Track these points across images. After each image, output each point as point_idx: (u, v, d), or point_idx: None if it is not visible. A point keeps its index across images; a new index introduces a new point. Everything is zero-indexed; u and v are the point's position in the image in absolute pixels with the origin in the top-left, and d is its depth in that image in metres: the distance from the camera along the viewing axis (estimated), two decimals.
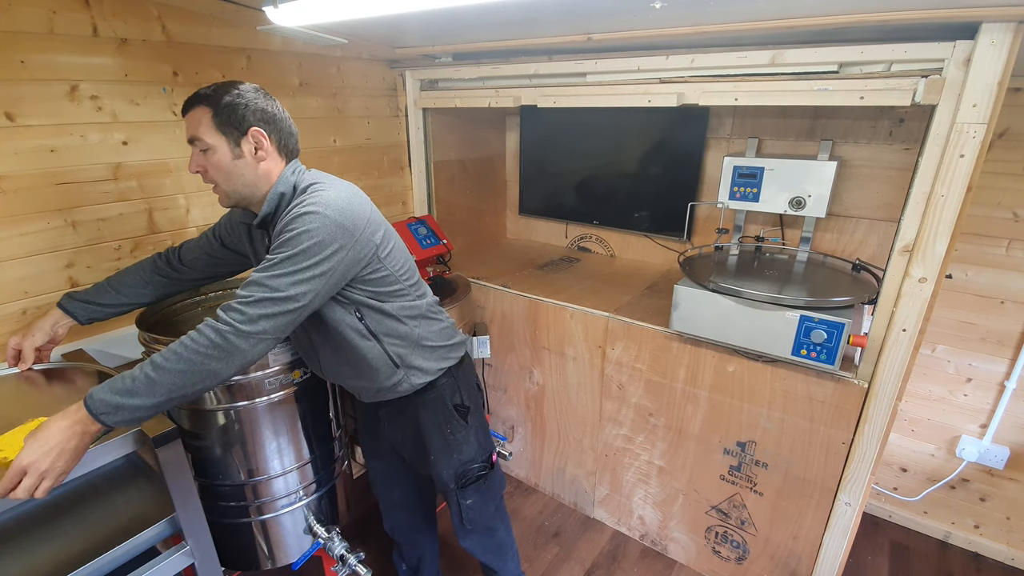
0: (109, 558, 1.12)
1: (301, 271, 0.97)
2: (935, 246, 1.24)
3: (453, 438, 1.32)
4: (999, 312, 1.77)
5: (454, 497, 1.37)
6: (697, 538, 1.89)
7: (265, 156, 1.08)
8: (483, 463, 1.37)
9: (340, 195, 1.04)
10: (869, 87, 1.26)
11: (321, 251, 0.98)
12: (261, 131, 1.07)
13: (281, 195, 1.10)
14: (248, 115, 1.06)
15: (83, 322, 1.29)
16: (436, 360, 1.27)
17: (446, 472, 1.33)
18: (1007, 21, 1.07)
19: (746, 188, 1.79)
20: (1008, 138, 1.62)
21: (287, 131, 1.12)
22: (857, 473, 1.48)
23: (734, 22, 1.34)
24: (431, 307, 1.28)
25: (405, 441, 1.37)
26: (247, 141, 1.06)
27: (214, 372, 0.93)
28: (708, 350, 1.65)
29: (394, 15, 1.42)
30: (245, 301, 0.95)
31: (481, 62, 1.94)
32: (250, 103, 1.06)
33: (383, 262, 1.13)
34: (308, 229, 0.97)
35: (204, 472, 1.41)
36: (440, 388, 1.29)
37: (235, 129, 1.05)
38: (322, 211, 0.99)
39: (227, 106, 1.04)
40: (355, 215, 1.04)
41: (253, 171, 1.08)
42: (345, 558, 1.52)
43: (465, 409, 1.32)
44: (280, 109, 1.12)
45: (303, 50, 1.83)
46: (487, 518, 1.43)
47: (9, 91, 1.25)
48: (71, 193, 1.39)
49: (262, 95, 1.09)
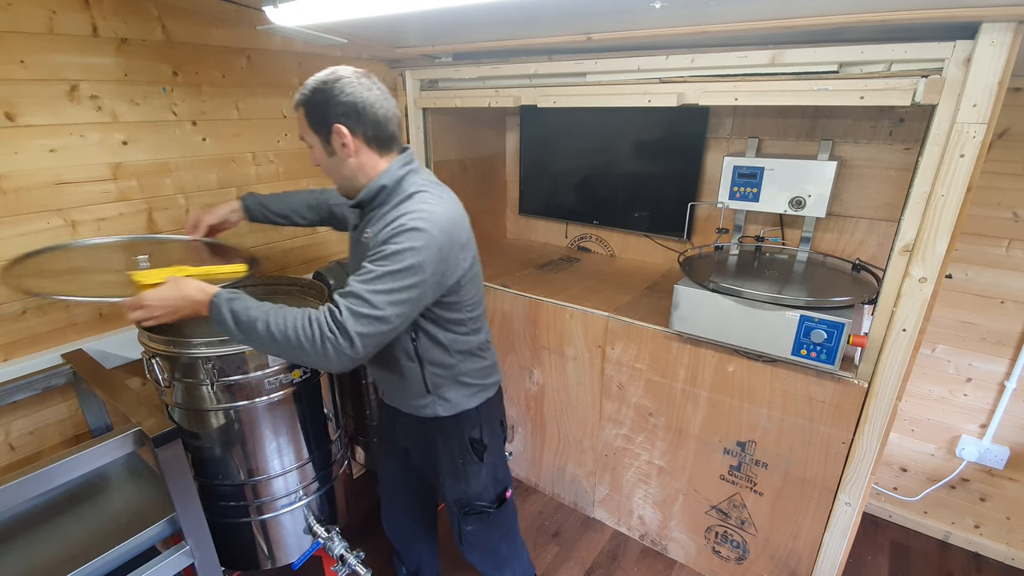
0: (109, 558, 1.12)
1: (401, 290, 0.98)
2: (935, 246, 1.24)
3: (464, 470, 1.30)
4: (999, 312, 1.77)
5: (456, 519, 1.37)
6: (697, 538, 1.89)
7: (352, 153, 1.08)
8: (491, 501, 1.35)
9: (447, 214, 1.05)
10: (869, 87, 1.26)
11: (422, 272, 0.99)
12: (342, 127, 1.05)
13: (382, 187, 1.10)
14: (330, 112, 1.05)
15: (252, 219, 1.47)
16: (467, 396, 1.26)
17: (451, 497, 1.34)
18: (1007, 21, 1.07)
19: (746, 188, 1.79)
20: (1008, 138, 1.62)
21: (375, 119, 1.07)
22: (857, 473, 1.48)
23: (734, 22, 1.33)
24: (481, 345, 1.27)
25: (416, 451, 1.37)
26: (335, 139, 1.07)
27: (299, 358, 1.01)
28: (708, 350, 1.65)
29: (394, 15, 1.42)
30: (352, 314, 0.97)
31: (481, 62, 1.94)
32: (332, 99, 1.04)
33: (461, 289, 1.13)
34: (414, 247, 0.98)
35: (204, 472, 1.41)
36: (460, 418, 1.27)
37: (323, 126, 1.07)
38: (429, 229, 1.00)
39: (314, 104, 1.06)
40: (456, 238, 1.06)
41: (346, 165, 1.10)
42: (345, 558, 1.52)
43: (482, 447, 1.29)
44: (373, 97, 1.06)
45: (303, 50, 1.83)
46: (489, 544, 1.41)
47: (9, 91, 1.25)
48: (71, 193, 1.39)
49: (345, 83, 1.04)
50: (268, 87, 1.76)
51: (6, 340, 1.35)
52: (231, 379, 1.30)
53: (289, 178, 1.89)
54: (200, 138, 1.63)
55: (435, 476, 1.35)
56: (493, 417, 1.33)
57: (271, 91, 1.78)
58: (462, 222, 1.10)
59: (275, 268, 1.91)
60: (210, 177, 1.67)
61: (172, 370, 1.30)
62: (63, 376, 1.39)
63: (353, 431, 1.91)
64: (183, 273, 1.16)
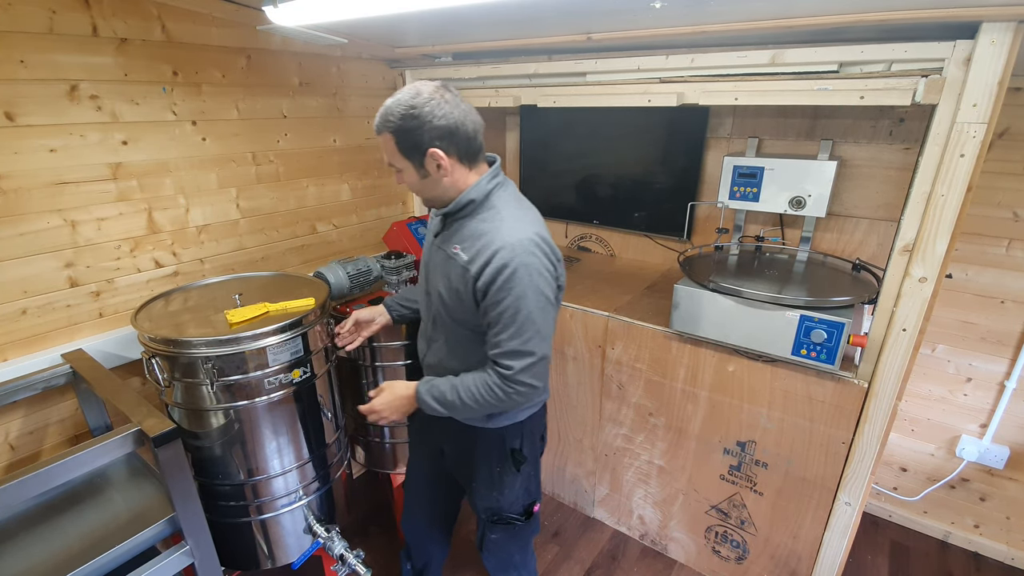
0: (109, 558, 1.12)
1: (541, 327, 1.09)
2: (935, 246, 1.24)
3: (500, 479, 1.33)
4: (999, 312, 1.77)
5: (482, 525, 1.40)
6: (697, 538, 1.89)
7: (448, 172, 1.10)
8: (520, 513, 1.38)
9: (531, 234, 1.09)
10: (869, 87, 1.26)
11: (543, 298, 1.09)
12: (440, 152, 1.06)
13: (471, 200, 1.13)
14: (424, 137, 1.05)
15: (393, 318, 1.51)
16: (512, 414, 1.29)
17: (481, 504, 1.36)
18: (1007, 21, 1.07)
19: (746, 188, 1.79)
20: (1008, 138, 1.62)
21: (466, 137, 1.08)
22: (857, 473, 1.48)
23: (734, 22, 1.33)
24: None
25: (453, 455, 1.39)
26: (429, 162, 1.08)
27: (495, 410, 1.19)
28: (708, 350, 1.65)
29: (394, 15, 1.42)
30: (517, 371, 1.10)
31: (481, 62, 1.94)
32: (424, 124, 1.04)
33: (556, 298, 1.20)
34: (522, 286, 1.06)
35: (204, 472, 1.41)
36: (503, 429, 1.30)
37: (416, 152, 1.07)
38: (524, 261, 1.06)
39: (406, 132, 1.05)
40: (546, 252, 1.11)
41: (439, 185, 1.12)
42: (345, 557, 1.52)
43: (522, 458, 1.33)
44: (457, 112, 1.06)
45: (303, 50, 1.83)
46: (507, 552, 1.45)
47: (9, 91, 1.25)
48: (71, 193, 1.39)
49: (435, 105, 1.04)
50: (268, 87, 1.76)
51: (6, 340, 1.35)
52: (231, 379, 1.30)
53: (289, 178, 1.90)
54: (200, 138, 1.63)
55: (468, 481, 1.37)
56: (535, 431, 1.36)
57: (271, 91, 1.78)
58: (547, 235, 1.14)
59: (275, 267, 1.92)
60: (210, 177, 1.67)
61: (172, 370, 1.30)
62: (63, 376, 1.39)
63: (353, 431, 1.92)
64: (264, 310, 1.38)
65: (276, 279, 1.67)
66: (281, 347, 1.34)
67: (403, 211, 2.41)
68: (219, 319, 1.36)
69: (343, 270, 1.75)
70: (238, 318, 1.34)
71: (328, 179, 2.04)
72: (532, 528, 1.44)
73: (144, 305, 1.46)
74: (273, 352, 1.33)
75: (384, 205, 2.31)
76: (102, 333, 1.51)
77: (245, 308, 1.38)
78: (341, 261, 1.79)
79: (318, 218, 2.03)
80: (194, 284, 1.61)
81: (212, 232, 1.72)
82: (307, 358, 1.42)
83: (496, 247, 1.07)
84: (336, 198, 2.08)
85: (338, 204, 2.10)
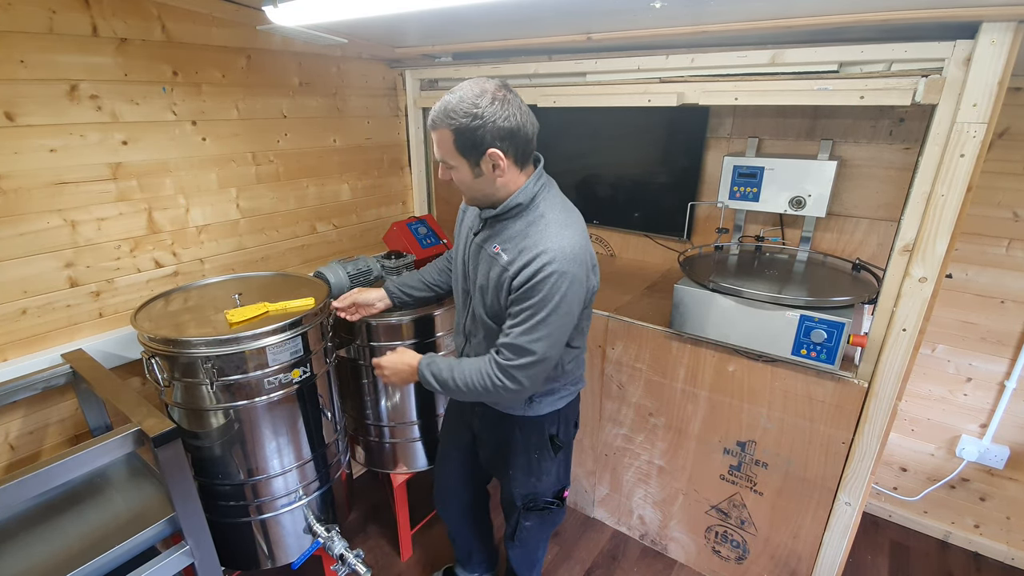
0: (109, 558, 1.12)
1: (553, 332, 1.10)
2: (935, 246, 1.24)
3: (538, 465, 1.36)
4: (999, 312, 1.77)
5: (515, 515, 1.43)
6: (697, 538, 1.89)
7: (503, 173, 1.10)
8: (554, 497, 1.42)
9: (572, 243, 1.10)
10: (869, 87, 1.26)
11: (568, 307, 1.10)
12: (499, 152, 1.06)
13: (518, 204, 1.14)
14: (487, 137, 1.04)
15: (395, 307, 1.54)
16: (554, 401, 1.32)
17: (518, 491, 1.39)
18: (1007, 20, 1.07)
19: (746, 188, 1.79)
20: (1008, 138, 1.62)
21: (525, 139, 1.09)
22: (857, 473, 1.48)
23: (734, 22, 1.33)
24: (579, 358, 1.34)
25: (490, 444, 1.42)
26: (486, 161, 1.08)
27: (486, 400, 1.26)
28: (708, 350, 1.65)
29: (394, 15, 1.42)
30: (515, 366, 1.11)
31: (481, 62, 1.94)
32: (487, 124, 1.03)
33: (586, 304, 1.21)
34: (556, 290, 1.07)
35: (204, 472, 1.41)
36: (543, 416, 1.33)
37: (475, 151, 1.07)
38: (567, 270, 1.07)
39: (467, 130, 1.04)
40: (586, 262, 1.13)
41: (492, 185, 1.12)
42: (345, 557, 1.52)
43: (560, 444, 1.37)
44: (520, 114, 1.07)
45: (303, 50, 1.83)
46: (536, 541, 1.50)
47: (9, 91, 1.25)
48: (71, 193, 1.39)
49: (499, 105, 1.03)
50: (268, 87, 1.76)
51: (6, 340, 1.35)
52: (231, 379, 1.30)
53: (289, 178, 1.90)
54: (200, 138, 1.63)
55: (504, 470, 1.40)
56: (571, 416, 1.40)
57: (271, 91, 1.78)
58: (587, 245, 1.15)
59: (275, 267, 1.92)
60: (210, 177, 1.67)
61: (172, 370, 1.30)
62: (63, 376, 1.39)
63: (353, 430, 1.92)
64: (264, 310, 1.39)
65: (276, 279, 1.67)
66: (281, 347, 1.34)
67: (403, 211, 2.41)
68: (219, 319, 1.36)
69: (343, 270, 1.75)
70: (238, 318, 1.34)
71: (328, 179, 2.04)
72: (561, 514, 1.49)
73: (144, 305, 1.46)
74: (273, 352, 1.33)
75: (384, 205, 2.31)
76: (102, 333, 1.51)
77: (245, 308, 1.38)
78: (341, 261, 1.79)
79: (318, 218, 2.03)
80: (194, 284, 1.61)
81: (212, 232, 1.72)
82: (307, 358, 1.42)
83: (539, 250, 1.08)
84: (336, 198, 2.08)
85: (338, 204, 2.10)
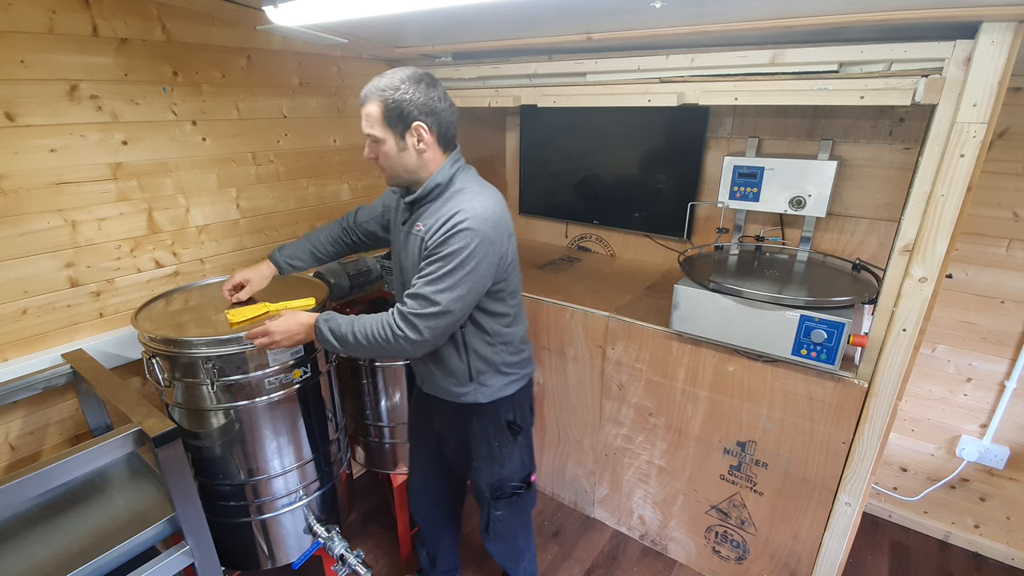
0: (109, 558, 1.12)
1: (459, 285, 1.11)
2: (935, 246, 1.24)
3: (499, 452, 1.38)
4: (999, 312, 1.77)
5: (486, 506, 1.44)
6: (697, 538, 1.89)
7: (426, 148, 1.17)
8: (521, 482, 1.44)
9: (488, 207, 1.15)
10: (869, 87, 1.26)
11: (478, 266, 1.12)
12: (423, 125, 1.14)
13: (437, 184, 1.20)
14: (413, 111, 1.13)
15: (283, 274, 1.53)
16: (505, 385, 1.34)
17: (484, 481, 1.40)
18: (1007, 20, 1.06)
19: (746, 188, 1.79)
20: (1008, 138, 1.62)
21: (447, 120, 1.19)
22: (857, 473, 1.48)
23: (734, 22, 1.33)
24: (522, 337, 1.37)
25: (451, 439, 1.43)
26: (411, 135, 1.15)
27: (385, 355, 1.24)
28: (708, 350, 1.65)
29: (394, 15, 1.42)
30: (416, 314, 1.11)
31: (481, 62, 1.93)
32: (414, 99, 1.12)
33: (508, 276, 1.24)
34: (467, 245, 1.10)
35: (204, 472, 1.41)
36: (497, 403, 1.34)
37: (400, 123, 1.14)
38: (479, 227, 1.11)
39: (394, 103, 1.12)
40: (502, 228, 1.17)
41: (415, 160, 1.18)
42: (345, 557, 1.52)
43: (517, 428, 1.38)
44: (442, 98, 1.17)
45: (303, 50, 1.83)
46: (512, 530, 1.50)
47: (9, 91, 1.25)
48: (71, 193, 1.39)
49: (424, 87, 1.14)
50: (268, 87, 1.76)
51: (6, 340, 1.35)
52: (231, 379, 1.30)
53: (289, 178, 1.89)
54: (200, 138, 1.63)
55: (468, 462, 1.41)
56: (525, 402, 1.43)
57: (271, 91, 1.77)
58: (505, 213, 1.20)
59: None
60: (210, 177, 1.67)
61: (172, 370, 1.30)
62: (63, 376, 1.39)
63: (353, 431, 1.92)
64: (264, 310, 1.39)
65: (276, 279, 1.67)
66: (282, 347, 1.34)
67: None
68: (219, 319, 1.36)
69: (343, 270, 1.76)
70: (239, 318, 1.34)
71: (328, 179, 2.04)
72: (532, 500, 1.50)
73: (145, 305, 1.46)
74: (273, 352, 1.33)
75: None
76: (102, 333, 1.51)
77: (245, 308, 1.38)
78: (341, 261, 1.79)
79: (318, 218, 2.03)
80: (194, 284, 1.62)
81: (212, 232, 1.72)
82: (307, 358, 1.42)
83: (454, 212, 1.13)
84: (336, 198, 2.08)
85: (338, 204, 2.10)
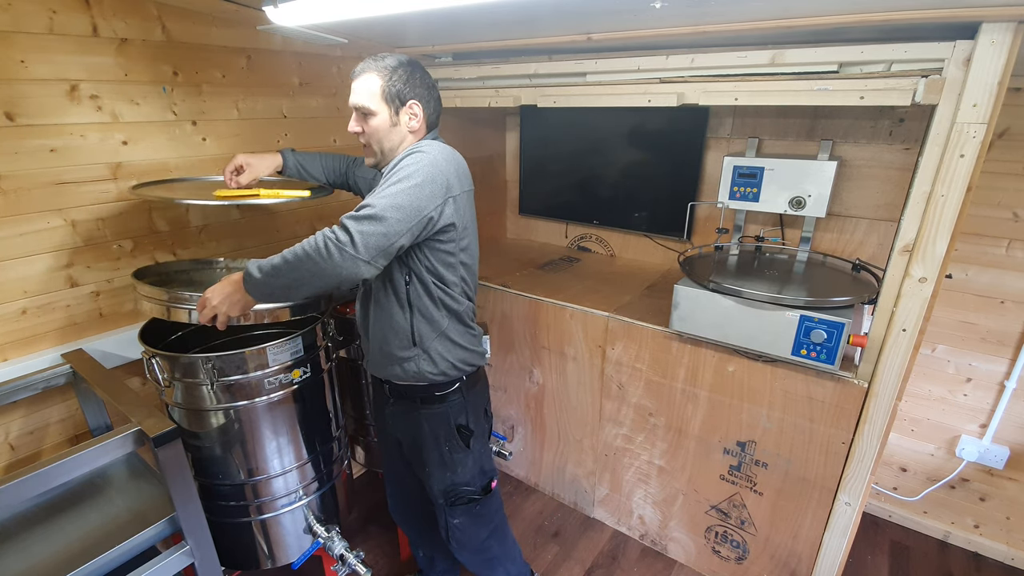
0: (109, 558, 1.12)
1: (397, 194, 1.07)
2: (935, 246, 1.24)
3: (450, 457, 1.34)
4: (999, 312, 1.77)
5: (442, 513, 1.40)
6: (697, 538, 1.89)
7: (417, 127, 1.23)
8: (478, 488, 1.39)
9: (445, 148, 1.19)
10: (869, 87, 1.26)
11: (422, 184, 1.09)
12: (419, 103, 1.20)
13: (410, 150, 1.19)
14: (410, 90, 1.19)
15: (288, 175, 1.54)
16: (452, 358, 1.28)
17: (436, 488, 1.36)
18: (1007, 21, 1.07)
19: (746, 188, 1.79)
20: (1008, 138, 1.62)
21: (436, 102, 1.26)
22: (857, 473, 1.48)
23: (734, 22, 1.33)
24: (468, 312, 1.32)
25: (405, 442, 1.40)
26: (406, 111, 1.20)
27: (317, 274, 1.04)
28: (708, 350, 1.65)
29: (394, 15, 1.42)
30: (350, 217, 1.05)
31: (481, 62, 1.93)
32: (415, 78, 1.19)
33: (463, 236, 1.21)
34: (412, 163, 1.11)
35: (204, 472, 1.41)
36: (447, 404, 1.31)
37: (398, 99, 1.19)
38: (426, 150, 1.14)
39: (397, 79, 1.17)
40: (452, 162, 1.17)
41: (402, 137, 1.23)
42: (345, 557, 1.52)
43: (468, 432, 1.34)
44: (433, 87, 1.25)
45: (303, 50, 1.83)
46: (476, 540, 1.44)
47: (9, 91, 1.25)
48: (71, 193, 1.39)
49: (421, 71, 1.21)
50: (268, 87, 1.76)
51: (6, 340, 1.35)
52: (231, 379, 1.30)
53: None
54: (200, 138, 1.63)
55: (421, 467, 1.37)
56: (478, 404, 1.38)
57: (271, 91, 1.78)
58: (459, 159, 1.22)
59: None
60: None
61: (172, 370, 1.30)
62: (63, 376, 1.39)
63: (353, 431, 1.92)
64: (255, 192, 1.39)
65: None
66: (281, 347, 1.34)
67: None
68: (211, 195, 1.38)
69: None
70: (228, 194, 1.35)
71: None
72: (496, 508, 1.45)
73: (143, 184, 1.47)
74: (273, 352, 1.33)
75: None
76: (102, 333, 1.51)
77: (234, 189, 1.40)
78: None
79: (318, 218, 2.03)
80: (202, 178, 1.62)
81: (212, 232, 1.72)
82: (307, 358, 1.42)
83: (409, 151, 1.15)
84: (336, 197, 2.08)
85: (339, 204, 2.10)
